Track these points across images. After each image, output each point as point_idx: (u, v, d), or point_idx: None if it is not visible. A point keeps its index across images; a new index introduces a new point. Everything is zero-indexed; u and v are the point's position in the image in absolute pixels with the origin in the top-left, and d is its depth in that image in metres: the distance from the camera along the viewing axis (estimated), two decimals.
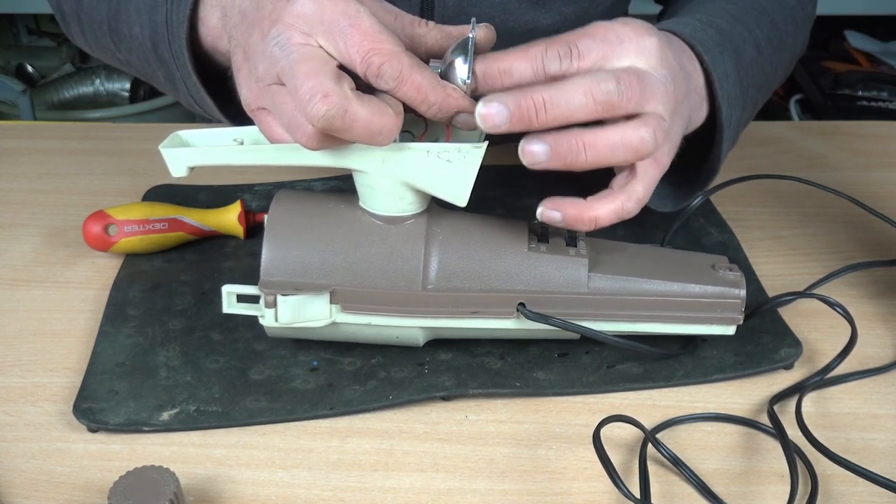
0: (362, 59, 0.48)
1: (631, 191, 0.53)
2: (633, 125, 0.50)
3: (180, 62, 0.60)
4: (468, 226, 0.57)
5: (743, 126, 0.66)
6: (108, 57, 0.71)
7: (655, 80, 0.51)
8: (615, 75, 0.49)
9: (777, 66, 0.70)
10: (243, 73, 0.52)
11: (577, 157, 0.50)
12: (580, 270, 0.56)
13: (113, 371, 0.58)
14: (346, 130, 0.48)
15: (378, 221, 0.55)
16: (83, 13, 0.69)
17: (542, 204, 0.53)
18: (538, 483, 0.51)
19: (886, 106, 1.82)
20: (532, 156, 0.50)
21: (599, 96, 0.49)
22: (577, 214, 0.53)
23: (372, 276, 0.55)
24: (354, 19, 0.48)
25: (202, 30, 0.60)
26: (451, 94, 0.49)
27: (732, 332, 0.58)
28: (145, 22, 0.62)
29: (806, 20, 0.75)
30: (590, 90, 0.49)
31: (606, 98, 0.49)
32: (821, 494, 0.50)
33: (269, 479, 0.51)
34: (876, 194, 0.78)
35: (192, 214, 0.70)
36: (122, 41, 0.66)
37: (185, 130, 0.56)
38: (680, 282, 0.57)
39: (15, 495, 0.50)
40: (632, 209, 0.53)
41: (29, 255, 0.71)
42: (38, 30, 2.24)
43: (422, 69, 0.49)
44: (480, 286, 0.55)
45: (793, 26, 0.72)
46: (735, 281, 0.57)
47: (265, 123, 0.52)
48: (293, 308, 0.54)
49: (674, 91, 0.52)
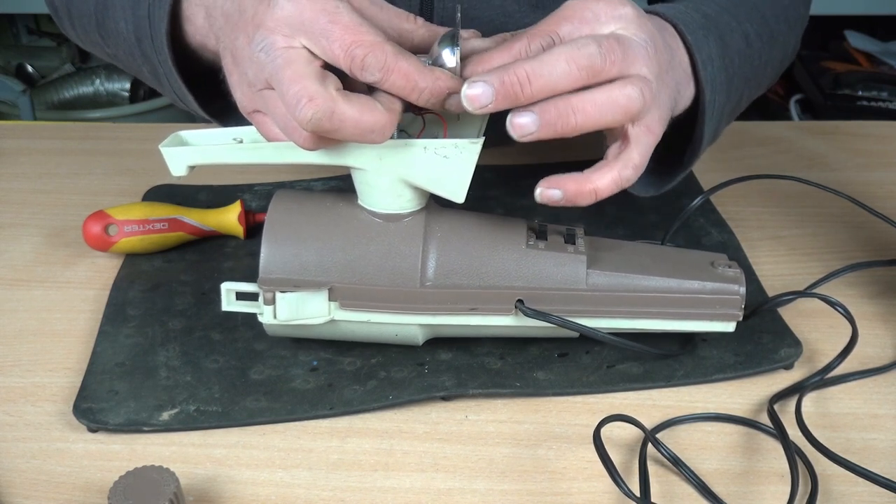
0: (345, 54, 0.47)
1: (626, 158, 0.52)
2: (618, 85, 0.50)
3: (162, 58, 0.61)
4: (466, 223, 0.57)
5: (728, 116, 0.65)
6: (99, 51, 0.72)
7: (636, 43, 0.51)
8: (595, 40, 0.49)
9: (767, 62, 0.69)
10: (235, 78, 0.53)
11: (567, 121, 0.49)
12: (578, 267, 0.56)
13: (113, 371, 0.58)
14: (336, 131, 0.48)
15: (376, 219, 0.55)
16: (73, 7, 0.70)
17: (539, 184, 0.52)
18: (538, 483, 0.51)
19: (886, 106, 1.82)
20: (521, 128, 0.49)
21: (582, 61, 0.48)
22: (576, 188, 0.52)
23: (370, 273, 0.55)
24: (334, 15, 0.47)
25: (188, 28, 0.60)
26: (440, 76, 0.49)
27: (732, 328, 0.58)
28: (129, 17, 0.63)
29: (799, 21, 0.75)
30: (571, 57, 0.48)
31: (589, 62, 0.48)
32: (821, 494, 0.50)
33: (269, 479, 0.51)
34: (876, 194, 0.78)
35: (192, 214, 0.70)
36: (109, 36, 0.66)
37: (186, 130, 0.56)
38: (679, 278, 0.57)
39: (15, 495, 0.50)
40: (629, 176, 0.53)
41: (29, 255, 0.71)
42: (38, 30, 2.24)
43: (407, 57, 0.48)
44: (479, 283, 0.55)
45: (785, 25, 0.71)
46: (734, 277, 0.57)
47: (262, 125, 0.53)
48: (292, 305, 0.54)
49: (656, 55, 0.52)
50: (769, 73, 0.72)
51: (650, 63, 0.51)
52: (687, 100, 0.60)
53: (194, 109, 0.64)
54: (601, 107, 0.49)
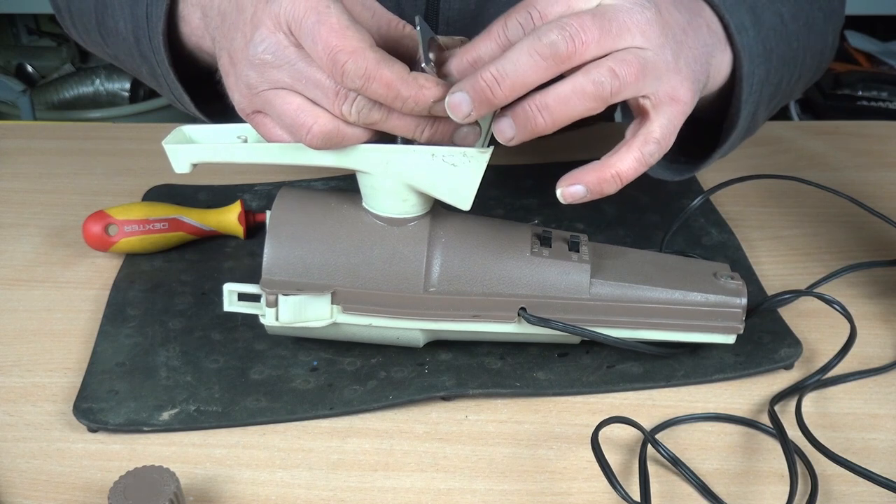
0: (328, 58, 0.46)
1: (646, 133, 0.49)
2: (583, 70, 0.46)
3: (159, 59, 0.60)
4: (471, 229, 0.56)
5: (767, 102, 0.61)
6: (100, 51, 0.71)
7: (625, 10, 0.47)
8: (559, 24, 0.46)
9: (806, 50, 0.65)
10: (232, 80, 0.52)
11: (536, 122, 0.47)
12: (582, 276, 0.56)
13: (113, 371, 0.58)
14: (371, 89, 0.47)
15: (381, 223, 0.55)
16: (73, 6, 0.69)
17: (558, 185, 0.50)
18: (538, 483, 0.51)
19: (886, 106, 1.81)
20: (502, 133, 0.48)
21: (544, 51, 0.45)
22: (597, 178, 0.49)
23: (374, 277, 0.55)
24: (322, 15, 0.46)
25: (184, 28, 0.59)
26: (424, 85, 0.47)
27: (732, 340, 0.58)
28: (128, 16, 0.62)
29: (834, 15, 0.70)
30: (533, 48, 0.45)
31: (552, 51, 0.45)
32: (821, 494, 0.50)
33: (269, 479, 0.51)
34: (876, 194, 0.78)
35: (192, 214, 0.70)
36: (108, 35, 0.66)
37: (189, 125, 0.56)
38: (681, 290, 0.56)
39: (15, 495, 0.50)
40: (653, 151, 0.49)
41: (29, 255, 0.71)
42: (38, 30, 2.24)
43: (390, 64, 0.47)
44: (482, 290, 0.55)
45: (821, 14, 0.67)
46: (736, 290, 0.57)
47: (262, 126, 0.52)
48: (294, 308, 0.54)
49: (658, 18, 0.48)
50: (809, 62, 0.67)
51: (649, 28, 0.48)
52: (724, 67, 0.56)
53: (192, 111, 0.64)
54: (565, 100, 0.46)
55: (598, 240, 0.62)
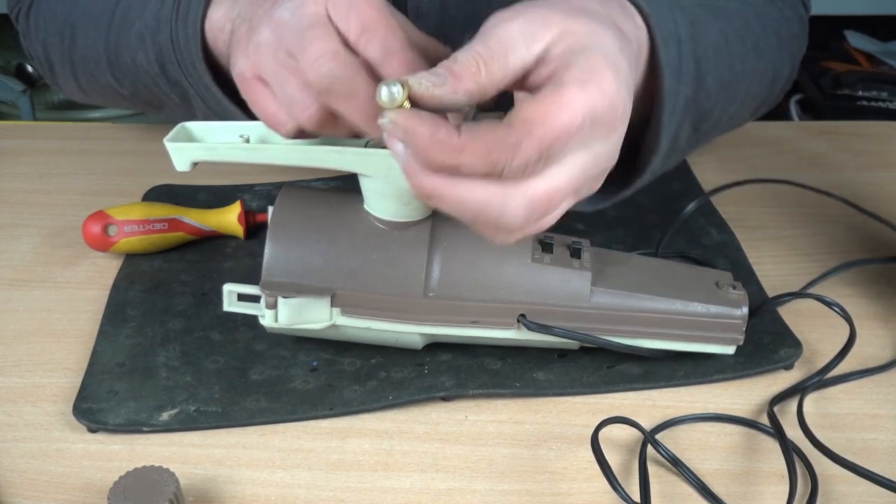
0: (363, 31, 0.45)
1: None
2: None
3: (193, 79, 0.58)
4: (472, 234, 0.56)
5: (697, 124, 0.56)
6: (107, 95, 0.69)
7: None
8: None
9: (752, 75, 0.61)
10: (243, 43, 0.50)
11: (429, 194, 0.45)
12: (583, 284, 0.55)
13: (113, 371, 0.58)
14: (346, 98, 0.45)
15: (382, 226, 0.55)
16: (76, 55, 0.67)
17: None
18: (538, 483, 0.51)
19: (886, 106, 1.81)
20: (393, 149, 0.44)
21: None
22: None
23: (374, 280, 0.55)
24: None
25: (209, 35, 0.57)
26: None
27: (732, 351, 0.58)
28: (149, 46, 0.60)
29: (793, 39, 0.67)
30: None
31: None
32: (821, 494, 0.50)
33: (269, 480, 0.51)
34: (876, 194, 0.78)
35: (192, 214, 0.70)
36: (125, 74, 0.64)
37: (192, 122, 0.55)
38: (682, 300, 0.56)
39: (15, 495, 0.50)
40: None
41: (29, 255, 0.71)
42: None
43: (411, 52, 0.46)
44: (482, 296, 0.55)
45: (774, 39, 0.63)
46: (737, 300, 0.57)
47: (259, 94, 0.50)
48: (293, 310, 0.54)
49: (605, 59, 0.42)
50: (754, 88, 0.62)
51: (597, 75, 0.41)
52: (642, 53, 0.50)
53: (236, 119, 0.59)
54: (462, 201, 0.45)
55: (597, 240, 0.61)
